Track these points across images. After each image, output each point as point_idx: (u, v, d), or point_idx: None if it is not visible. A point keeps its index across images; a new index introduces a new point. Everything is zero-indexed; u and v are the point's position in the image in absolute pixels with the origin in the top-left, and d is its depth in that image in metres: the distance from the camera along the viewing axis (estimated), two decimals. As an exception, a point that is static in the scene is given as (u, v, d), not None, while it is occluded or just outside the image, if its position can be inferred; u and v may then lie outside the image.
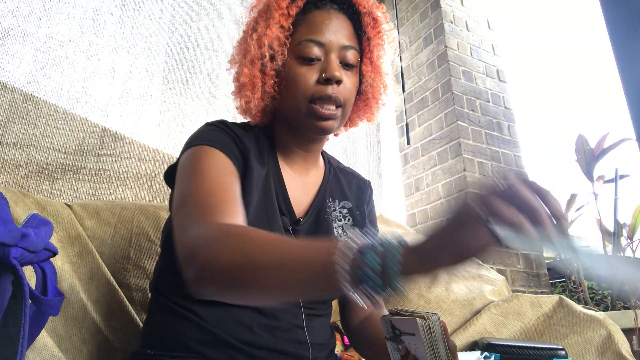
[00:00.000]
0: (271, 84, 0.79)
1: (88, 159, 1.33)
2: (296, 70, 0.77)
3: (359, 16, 0.83)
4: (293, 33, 0.79)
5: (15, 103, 1.23)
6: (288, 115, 0.82)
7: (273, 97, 0.81)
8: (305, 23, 0.79)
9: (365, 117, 0.93)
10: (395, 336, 0.60)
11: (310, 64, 0.78)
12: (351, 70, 0.81)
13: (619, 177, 2.12)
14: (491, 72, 2.69)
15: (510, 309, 1.32)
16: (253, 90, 0.79)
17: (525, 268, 2.28)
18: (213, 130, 0.78)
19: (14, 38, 1.28)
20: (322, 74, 0.77)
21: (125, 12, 1.54)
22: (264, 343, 0.72)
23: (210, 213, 0.60)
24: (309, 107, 0.77)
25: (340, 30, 0.79)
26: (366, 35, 0.84)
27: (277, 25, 0.77)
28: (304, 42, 0.77)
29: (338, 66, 0.78)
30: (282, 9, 0.78)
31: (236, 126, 0.82)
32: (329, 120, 0.78)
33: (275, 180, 0.82)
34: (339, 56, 0.79)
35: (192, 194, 0.65)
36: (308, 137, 0.84)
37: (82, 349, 0.87)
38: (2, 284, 0.59)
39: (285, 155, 0.86)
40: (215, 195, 0.64)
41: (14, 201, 0.91)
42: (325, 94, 0.76)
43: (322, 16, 0.79)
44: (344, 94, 0.79)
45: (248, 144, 0.79)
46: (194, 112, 1.62)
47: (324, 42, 0.78)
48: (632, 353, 1.19)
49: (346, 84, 0.79)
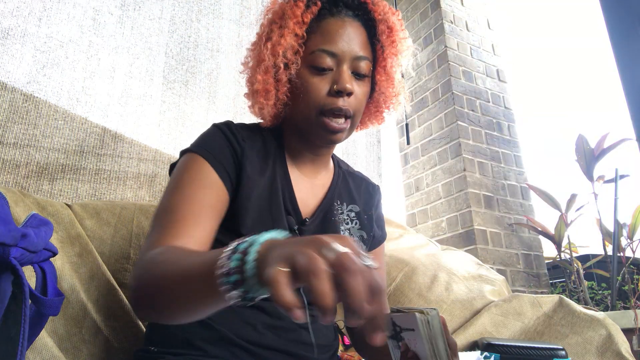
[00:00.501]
0: (284, 91, 0.80)
1: (88, 159, 1.33)
2: (308, 80, 0.78)
3: (374, 23, 0.83)
4: (307, 41, 0.79)
5: (15, 103, 1.24)
6: (298, 122, 0.83)
7: (285, 103, 0.82)
8: (319, 31, 0.79)
9: (376, 120, 0.95)
10: (395, 333, 0.60)
11: (323, 73, 0.78)
12: (363, 80, 0.81)
13: (619, 177, 2.12)
14: (491, 72, 2.69)
15: (510, 309, 1.32)
16: (267, 97, 0.80)
17: (525, 268, 2.28)
18: (214, 136, 0.79)
19: (14, 38, 1.28)
20: (334, 86, 0.77)
21: (125, 12, 1.54)
22: (267, 342, 0.73)
23: (163, 233, 0.66)
24: (318, 119, 0.78)
25: (354, 39, 0.79)
26: (380, 43, 0.84)
27: (291, 34, 0.77)
28: (317, 52, 0.77)
29: (350, 77, 0.78)
30: (297, 17, 0.77)
31: (243, 128, 0.83)
32: (338, 133, 0.80)
33: (282, 180, 0.82)
34: (351, 66, 0.79)
35: (160, 210, 0.71)
36: (316, 144, 0.85)
37: (82, 349, 0.87)
38: (2, 284, 0.59)
39: (294, 157, 0.87)
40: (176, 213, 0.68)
41: (14, 201, 0.91)
42: (335, 107, 0.77)
43: (336, 24, 0.79)
44: (354, 106, 0.79)
45: (251, 146, 0.80)
46: (194, 112, 1.62)
47: (337, 53, 0.77)
48: (632, 353, 1.19)
49: (357, 94, 0.79)
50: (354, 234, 0.88)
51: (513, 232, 2.33)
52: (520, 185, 2.48)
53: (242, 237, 0.46)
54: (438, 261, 1.47)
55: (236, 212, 0.75)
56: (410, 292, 1.34)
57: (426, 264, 1.44)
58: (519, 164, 2.55)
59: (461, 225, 2.26)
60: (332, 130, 0.78)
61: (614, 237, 2.05)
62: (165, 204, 0.70)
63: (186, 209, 0.68)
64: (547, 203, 2.31)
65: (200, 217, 0.69)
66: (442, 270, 1.42)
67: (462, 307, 1.33)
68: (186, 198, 0.70)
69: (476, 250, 2.15)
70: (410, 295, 1.34)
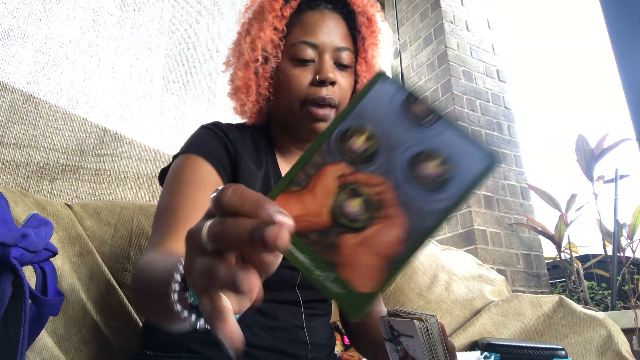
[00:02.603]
0: (265, 86, 0.79)
1: (88, 159, 1.33)
2: (290, 72, 0.77)
3: (353, 15, 0.83)
4: (287, 34, 0.78)
5: (16, 104, 1.24)
6: (283, 117, 0.82)
7: (268, 99, 0.81)
8: (299, 24, 0.79)
9: None
10: (393, 337, 0.60)
11: (304, 65, 0.77)
12: (346, 71, 0.81)
13: (619, 177, 2.12)
14: (491, 72, 2.69)
15: (510, 309, 1.32)
16: (247, 93, 0.80)
17: (525, 268, 2.28)
18: (205, 135, 0.78)
19: (14, 39, 1.28)
20: (316, 76, 0.77)
21: (125, 13, 1.54)
22: (263, 343, 0.72)
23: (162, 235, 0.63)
24: (303, 109, 0.77)
25: (334, 30, 0.79)
26: (361, 34, 0.84)
27: (270, 27, 0.77)
28: (298, 44, 0.77)
29: (332, 67, 0.78)
30: (275, 10, 0.78)
31: (232, 128, 0.82)
32: (323, 121, 0.79)
33: (274, 179, 0.82)
34: (333, 57, 0.78)
35: (159, 212, 0.68)
36: (304, 138, 0.84)
37: (82, 349, 0.87)
38: (2, 284, 0.59)
39: (283, 154, 0.87)
40: (175, 214, 0.65)
41: (14, 201, 0.91)
42: (319, 96, 0.77)
43: (315, 17, 0.79)
44: (339, 95, 0.79)
45: (243, 145, 0.79)
46: (194, 113, 1.62)
47: (318, 44, 0.77)
48: (632, 353, 1.19)
49: (341, 84, 0.79)
50: None
51: (513, 232, 2.33)
52: (520, 185, 2.48)
53: None
54: (438, 261, 1.47)
55: None
56: (410, 292, 1.34)
57: (426, 264, 1.44)
58: (519, 164, 2.55)
59: (461, 225, 2.26)
60: (317, 118, 0.77)
61: (614, 237, 2.05)
62: (165, 205, 0.69)
63: (185, 209, 0.67)
64: (547, 203, 2.31)
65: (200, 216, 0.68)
66: (442, 270, 1.42)
67: (462, 307, 1.33)
68: (185, 197, 0.69)
69: (476, 250, 2.15)
70: (410, 295, 1.34)
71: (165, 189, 0.72)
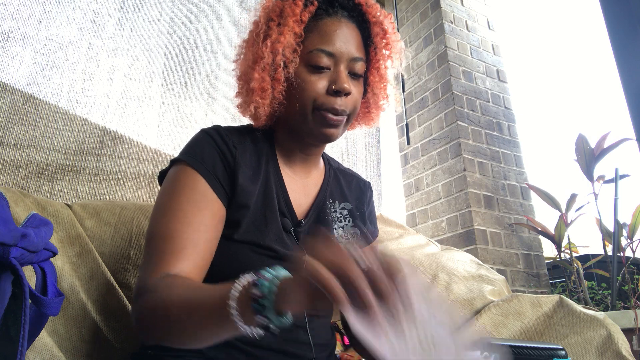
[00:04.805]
0: (280, 90, 0.79)
1: (88, 159, 1.33)
2: (306, 78, 0.78)
3: (367, 25, 0.84)
4: (304, 39, 0.79)
5: (16, 104, 1.24)
6: (293, 121, 0.82)
7: (280, 103, 0.81)
8: (316, 30, 0.79)
9: (364, 122, 0.95)
10: None
11: (320, 72, 0.78)
12: (358, 80, 0.82)
13: (619, 177, 2.12)
14: (491, 72, 2.69)
15: (510, 309, 1.32)
16: (263, 95, 0.79)
17: (525, 268, 2.28)
18: (204, 144, 0.78)
19: (14, 40, 1.28)
20: (332, 85, 0.77)
21: (124, 14, 1.55)
22: (265, 343, 0.73)
23: (162, 260, 0.66)
24: (316, 114, 0.78)
25: (350, 40, 0.80)
26: (374, 45, 0.85)
27: (291, 32, 0.77)
28: (315, 51, 0.78)
29: (347, 78, 0.79)
30: (295, 15, 0.78)
31: (232, 132, 0.82)
32: (334, 128, 0.79)
33: (276, 182, 0.82)
34: (347, 67, 0.79)
35: (157, 234, 0.70)
36: (310, 142, 0.85)
37: (82, 349, 0.87)
38: (2, 284, 0.59)
39: (285, 158, 0.87)
40: (175, 240, 0.68)
41: (14, 201, 0.92)
42: (332, 107, 0.77)
43: (333, 25, 0.79)
44: (351, 106, 0.80)
45: (243, 152, 0.79)
46: (193, 113, 1.62)
47: (335, 53, 0.78)
48: (632, 353, 1.19)
49: (354, 94, 0.80)
50: (347, 231, 0.88)
51: (513, 232, 2.33)
52: (520, 185, 2.48)
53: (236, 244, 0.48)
54: (438, 261, 1.47)
55: (230, 219, 0.75)
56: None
57: (426, 264, 1.44)
58: (519, 164, 2.55)
59: (461, 225, 2.26)
60: (330, 124, 0.78)
61: (614, 237, 2.05)
62: (162, 229, 0.69)
63: (184, 235, 0.68)
64: (547, 203, 2.31)
65: (200, 241, 0.69)
66: (442, 270, 1.42)
67: (462, 307, 1.33)
68: (183, 222, 0.69)
69: (476, 250, 2.15)
70: (410, 295, 1.34)
71: (161, 207, 0.72)
